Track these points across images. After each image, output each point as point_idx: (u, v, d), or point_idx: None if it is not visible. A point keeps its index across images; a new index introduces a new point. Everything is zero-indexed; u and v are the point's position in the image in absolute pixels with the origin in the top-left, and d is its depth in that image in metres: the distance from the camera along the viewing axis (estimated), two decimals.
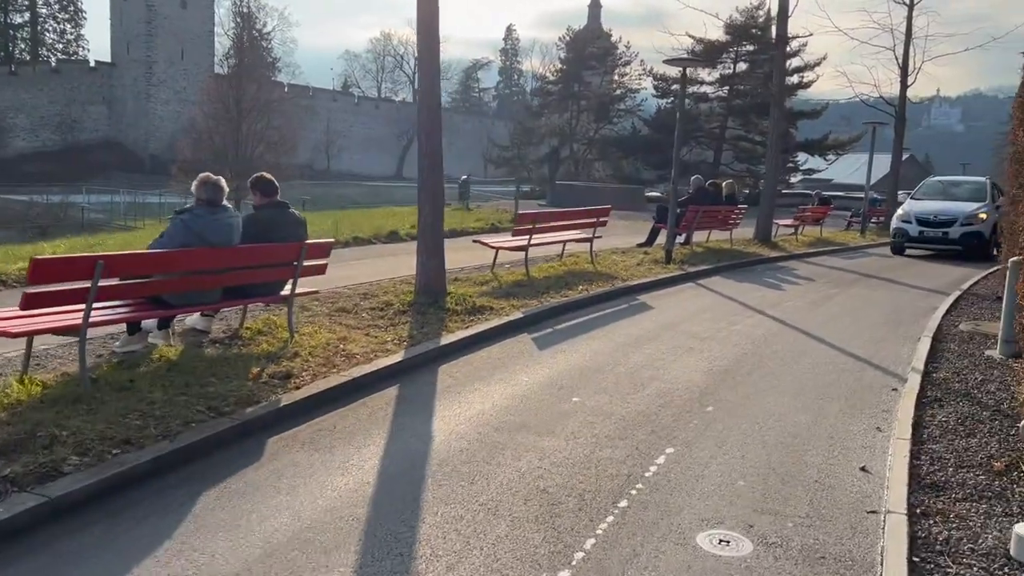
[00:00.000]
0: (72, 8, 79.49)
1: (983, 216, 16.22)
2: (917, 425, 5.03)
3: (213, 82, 47.20)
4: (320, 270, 6.81)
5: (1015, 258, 6.74)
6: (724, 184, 17.04)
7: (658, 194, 33.17)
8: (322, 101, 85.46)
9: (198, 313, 6.56)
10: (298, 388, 5.37)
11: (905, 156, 71.98)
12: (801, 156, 40.70)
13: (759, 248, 16.00)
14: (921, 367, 6.41)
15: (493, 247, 10.21)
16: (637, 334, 7.86)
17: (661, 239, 14.35)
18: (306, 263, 6.56)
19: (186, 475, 4.14)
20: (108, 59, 74.59)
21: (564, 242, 11.90)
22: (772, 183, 17.80)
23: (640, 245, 15.22)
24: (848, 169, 47.96)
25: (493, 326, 7.53)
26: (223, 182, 6.12)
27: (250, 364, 5.74)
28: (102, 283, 5.03)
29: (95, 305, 5.11)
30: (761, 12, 36.89)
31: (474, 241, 10.71)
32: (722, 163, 39.65)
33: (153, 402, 4.78)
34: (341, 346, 6.43)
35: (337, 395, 5.45)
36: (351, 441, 4.70)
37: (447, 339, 6.93)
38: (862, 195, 24.54)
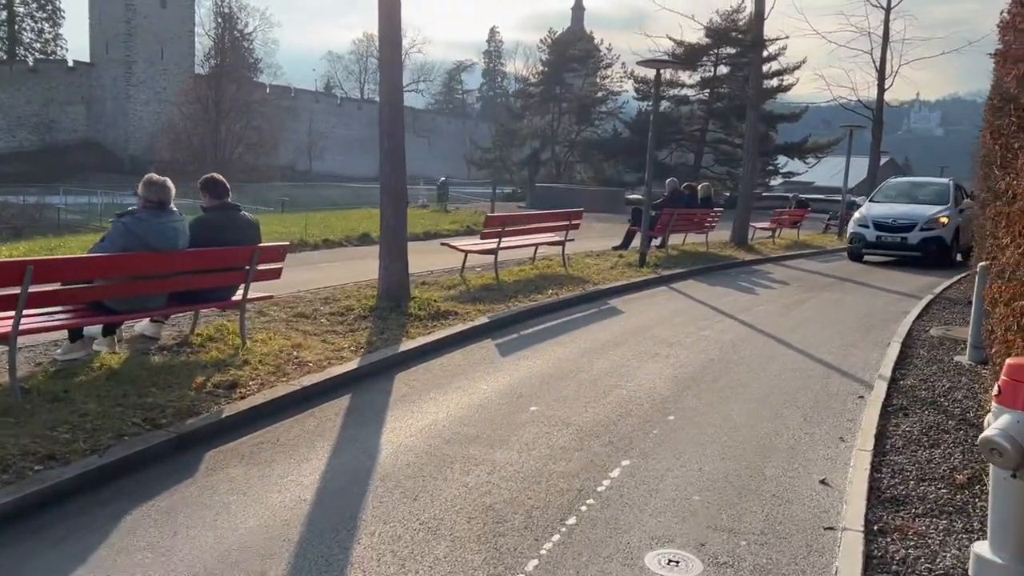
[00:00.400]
0: (50, 7, 78.54)
1: (944, 220, 15.36)
2: (881, 435, 4.90)
3: (192, 82, 46.72)
4: (275, 274, 6.60)
5: (983, 263, 6.64)
6: (700, 187, 16.96)
7: (639, 196, 33.11)
8: (304, 102, 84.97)
9: (147, 319, 6.34)
10: (243, 398, 5.16)
11: (885, 159, 72.58)
12: (781, 159, 40.85)
13: (735, 251, 15.92)
14: (888, 374, 6.30)
15: (461, 250, 10.03)
16: (604, 339, 7.71)
17: (637, 242, 14.23)
18: (260, 267, 6.34)
19: (114, 492, 3.93)
20: (87, 59, 73.81)
21: (536, 245, 11.74)
22: (749, 186, 17.75)
23: (615, 248, 15.10)
24: (829, 172, 48.21)
25: (456, 332, 7.34)
26: (169, 183, 5.89)
27: (195, 373, 5.52)
28: (38, 288, 4.81)
29: (29, 312, 4.88)
30: (741, 15, 36.95)
31: (442, 244, 10.51)
32: (703, 166, 39.70)
33: (86, 414, 4.55)
34: (295, 353, 6.22)
35: (285, 405, 5.24)
36: (293, 455, 4.50)
37: (407, 345, 6.73)
38: (849, 196, 24.59)
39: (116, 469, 4.08)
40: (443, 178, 31.47)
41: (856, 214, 16.44)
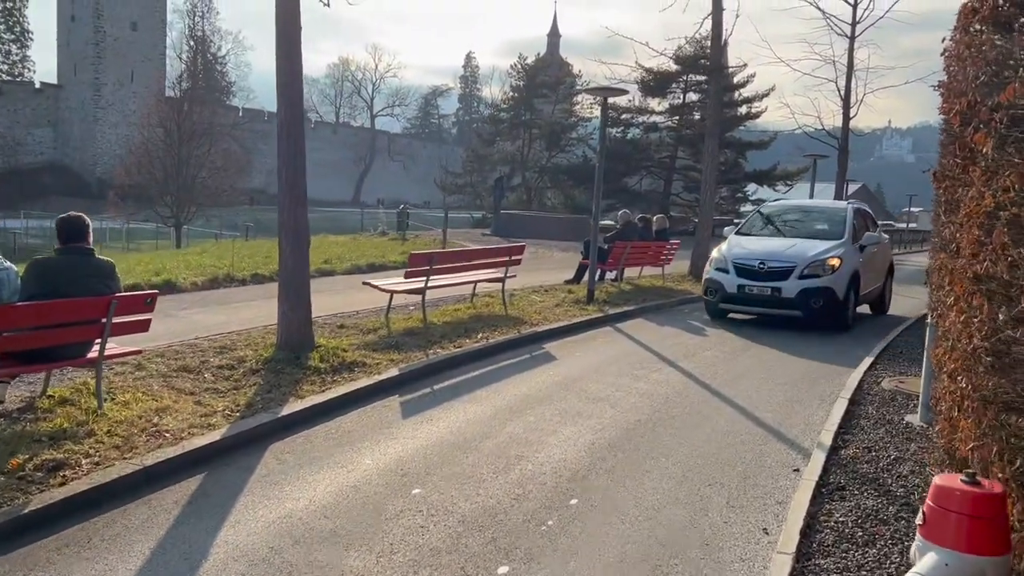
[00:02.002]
0: (18, 28, 77.44)
1: (834, 262, 10.71)
2: (809, 528, 4.19)
3: (155, 106, 45.83)
4: (141, 327, 5.81)
5: (933, 316, 6.00)
6: (655, 219, 16.37)
7: (610, 222, 32.60)
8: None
9: None
10: (64, 483, 4.35)
11: (856, 186, 73.00)
12: (751, 186, 40.61)
13: (692, 285, 15.28)
14: (829, 441, 5.60)
15: (385, 291, 9.27)
16: (525, 394, 6.97)
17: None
18: (120, 320, 5.56)
19: None
20: (55, 80, 72.67)
21: (475, 282, 11.02)
22: (708, 216, 17.17)
23: (568, 282, 14.42)
24: (801, 198, 48.02)
25: (357, 388, 6.57)
26: None
27: (20, 447, 4.71)
28: None
29: None
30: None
31: (364, 283, 9.75)
32: (672, 192, 39.38)
33: None
34: (155, 419, 5.42)
35: (116, 491, 4.44)
36: (97, 562, 3.70)
37: (292, 407, 5.95)
38: None
39: None
40: (402, 205, 30.74)
41: (714, 252, 11.82)
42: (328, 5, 7.65)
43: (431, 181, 64.12)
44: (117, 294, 5.53)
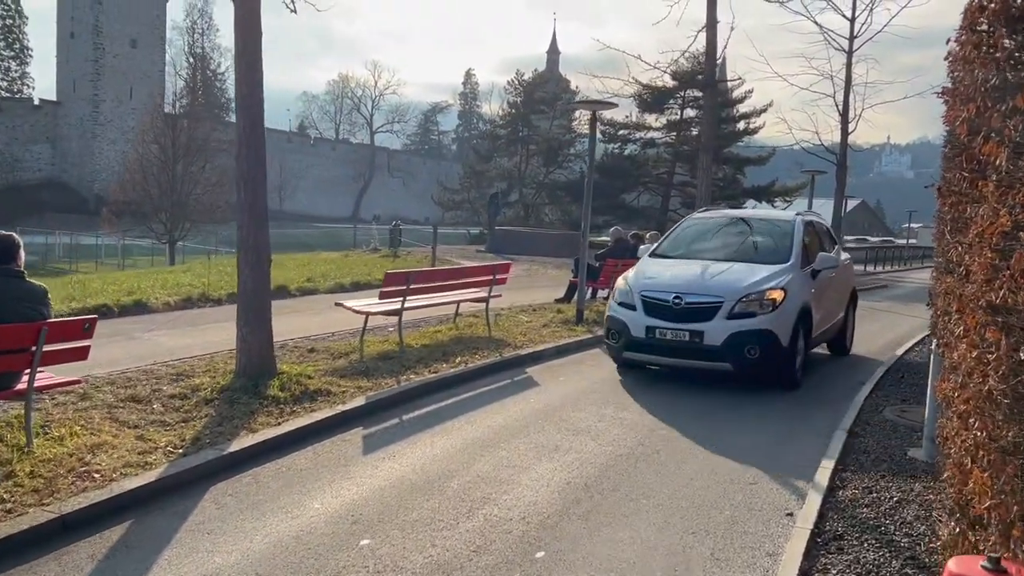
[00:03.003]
0: (18, 45, 77.60)
1: (776, 295, 7.92)
2: None
3: (150, 123, 45.64)
4: (79, 354, 5.34)
5: (938, 344, 5.54)
6: (648, 235, 15.90)
7: (606, 238, 32.19)
8: (277, 142, 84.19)
9: None
10: None
11: (856, 202, 72.73)
12: (750, 202, 40.20)
13: None
14: (826, 481, 5.11)
15: (360, 312, 8.80)
16: (501, 425, 6.49)
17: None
18: (53, 348, 5.10)
19: None
20: (54, 97, 72.67)
21: (457, 302, 10.56)
22: None
23: (559, 300, 13.96)
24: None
25: (317, 420, 6.09)
26: None
27: None
28: None
29: None
30: (705, 57, 36.49)
31: (337, 304, 9.28)
32: (670, 208, 38.95)
33: None
34: (87, 457, 4.94)
35: (24, 544, 3.96)
36: None
37: (242, 443, 5.47)
38: None
39: None
40: (396, 221, 30.34)
41: (619, 281, 8.96)
42: (295, 11, 7.25)
43: (430, 197, 64.00)
44: (49, 320, 5.07)
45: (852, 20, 24.09)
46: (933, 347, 5.58)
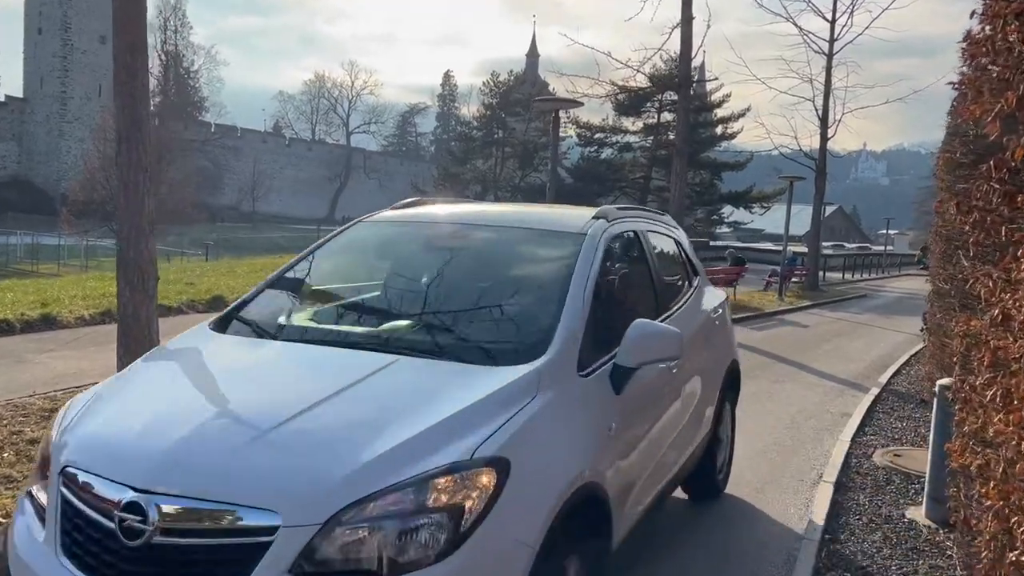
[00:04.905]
0: None
1: (466, 491, 2.25)
2: None
3: (106, 120, 44.19)
4: None
5: (944, 380, 4.65)
6: None
7: None
8: (251, 142, 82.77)
9: None
10: None
11: (833, 208, 72.69)
12: (727, 208, 39.62)
13: None
14: (812, 559, 4.17)
15: None
16: None
17: None
18: None
19: None
20: (20, 94, 70.76)
21: None
22: None
23: None
24: (780, 219, 47.08)
25: None
26: None
27: None
28: None
29: None
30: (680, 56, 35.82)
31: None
32: None
33: None
34: None
35: None
36: None
37: None
38: (790, 250, 23.01)
39: None
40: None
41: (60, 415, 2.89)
42: None
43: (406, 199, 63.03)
44: None
45: (832, 23, 23.49)
46: (937, 387, 4.68)
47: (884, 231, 57.77)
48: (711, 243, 38.87)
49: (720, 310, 5.09)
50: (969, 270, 3.47)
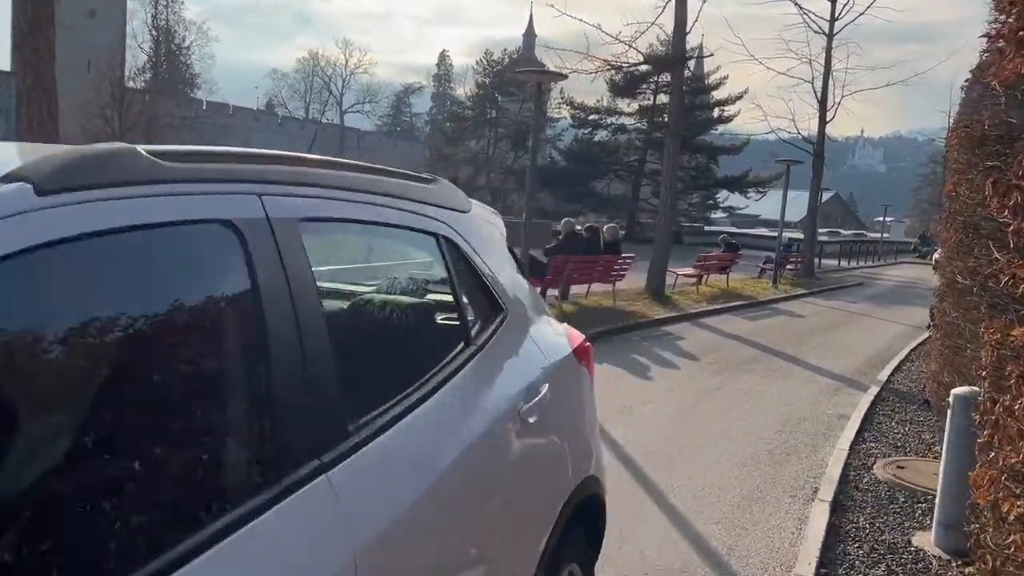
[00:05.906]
0: None
1: None
2: None
3: (95, 93, 43.28)
4: None
5: (960, 390, 4.05)
6: (605, 228, 14.41)
7: (579, 229, 30.66)
8: (243, 120, 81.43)
9: None
10: None
11: (830, 194, 72.06)
12: (723, 193, 38.97)
13: (647, 306, 13.30)
14: None
15: None
16: None
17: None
18: None
19: None
20: (7, 68, 69.50)
21: None
22: (666, 226, 15.21)
23: None
24: (776, 204, 46.36)
25: None
26: None
27: None
28: None
29: None
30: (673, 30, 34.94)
31: None
32: (641, 197, 37.57)
33: None
34: None
35: None
36: None
37: None
38: (786, 236, 22.41)
39: None
40: None
41: None
42: None
43: None
44: None
45: (834, 1, 22.79)
46: (952, 398, 4.07)
47: (881, 218, 57.22)
48: (706, 228, 38.29)
49: (550, 387, 2.40)
50: (1004, 264, 2.86)
